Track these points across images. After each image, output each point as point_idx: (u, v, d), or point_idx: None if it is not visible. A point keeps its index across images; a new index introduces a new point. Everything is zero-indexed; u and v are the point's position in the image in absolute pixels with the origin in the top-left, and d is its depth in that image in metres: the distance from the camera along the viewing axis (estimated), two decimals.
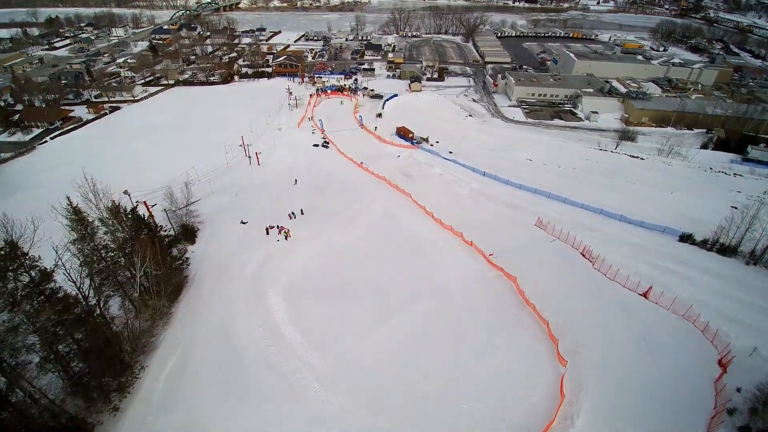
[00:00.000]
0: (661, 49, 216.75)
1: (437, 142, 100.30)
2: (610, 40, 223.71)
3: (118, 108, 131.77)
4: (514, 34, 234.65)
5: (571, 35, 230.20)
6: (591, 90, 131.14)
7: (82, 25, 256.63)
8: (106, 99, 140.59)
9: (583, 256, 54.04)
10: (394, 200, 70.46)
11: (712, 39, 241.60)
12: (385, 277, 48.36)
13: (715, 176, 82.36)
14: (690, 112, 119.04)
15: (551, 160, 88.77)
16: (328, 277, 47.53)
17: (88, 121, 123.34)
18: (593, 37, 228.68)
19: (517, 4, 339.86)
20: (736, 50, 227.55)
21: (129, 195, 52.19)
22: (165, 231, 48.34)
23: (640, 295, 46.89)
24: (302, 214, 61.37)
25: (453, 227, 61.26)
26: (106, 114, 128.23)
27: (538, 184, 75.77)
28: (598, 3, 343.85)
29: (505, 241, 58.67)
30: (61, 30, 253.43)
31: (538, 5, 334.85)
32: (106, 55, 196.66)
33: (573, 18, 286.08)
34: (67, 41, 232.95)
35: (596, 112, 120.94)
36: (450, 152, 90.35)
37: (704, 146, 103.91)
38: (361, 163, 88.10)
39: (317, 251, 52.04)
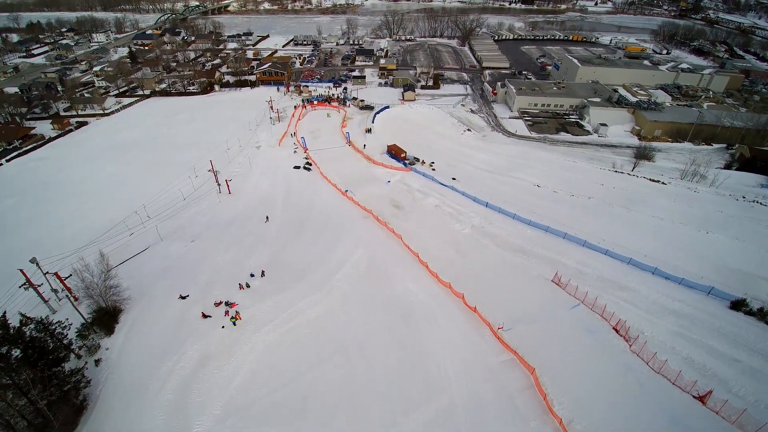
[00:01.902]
0: (664, 51, 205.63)
1: (432, 163, 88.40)
2: (611, 42, 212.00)
3: (85, 123, 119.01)
4: (511, 37, 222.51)
5: (570, 38, 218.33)
6: (598, 99, 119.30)
7: (63, 30, 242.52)
8: (75, 113, 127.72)
9: (617, 332, 42.22)
10: (381, 244, 58.40)
11: (715, 41, 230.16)
12: (364, 377, 36.32)
13: (750, 207, 70.58)
14: (707, 124, 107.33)
15: (562, 185, 76.96)
16: (284, 388, 35.30)
17: (51, 139, 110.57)
18: (594, 39, 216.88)
19: (513, 5, 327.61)
20: (741, 53, 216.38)
21: (37, 264, 40.08)
22: (65, 326, 35.53)
23: (696, 398, 35.15)
24: (263, 276, 48.94)
25: (452, 285, 49.35)
26: (71, 130, 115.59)
27: (550, 218, 64.03)
28: (596, 4, 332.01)
29: (515, 304, 46.95)
30: (41, 36, 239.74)
31: (535, 7, 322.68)
32: (83, 62, 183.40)
33: (571, 20, 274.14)
34: (47, 48, 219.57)
35: (605, 125, 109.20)
36: (453, 179, 78.29)
37: (728, 166, 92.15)
38: (346, 191, 76.11)
39: (273, 341, 39.52)
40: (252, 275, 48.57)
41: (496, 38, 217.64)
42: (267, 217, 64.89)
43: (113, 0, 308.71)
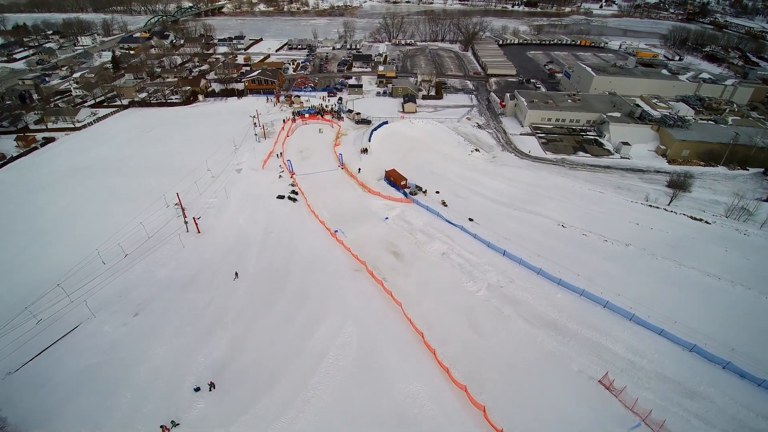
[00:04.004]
0: (677, 58, 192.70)
1: (438, 192, 75.75)
2: (620, 48, 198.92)
3: (52, 139, 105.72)
4: (516, 42, 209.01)
5: (578, 43, 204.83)
6: (618, 114, 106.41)
7: (49, 33, 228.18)
8: (44, 126, 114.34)
9: None
10: (376, 315, 45.75)
11: (727, 46, 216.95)
12: None
13: None
14: (740, 144, 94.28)
15: (590, 223, 64.31)
16: None
17: (11, 159, 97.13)
18: (602, 45, 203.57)
19: (516, 8, 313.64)
20: (755, 59, 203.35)
21: None
22: None
23: None
24: (212, 389, 36.00)
25: (468, 388, 36.61)
26: (36, 148, 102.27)
27: (583, 275, 51.56)
28: (601, 7, 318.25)
29: (555, 419, 34.39)
30: (26, 39, 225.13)
31: (539, 9, 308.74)
32: (64, 68, 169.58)
33: (576, 23, 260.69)
34: (31, 52, 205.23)
35: (627, 144, 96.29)
36: (471, 219, 65.21)
37: None
38: (336, 231, 63.39)
39: None
40: (197, 389, 35.55)
41: (501, 43, 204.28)
42: (236, 273, 52.04)
43: (104, 1, 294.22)
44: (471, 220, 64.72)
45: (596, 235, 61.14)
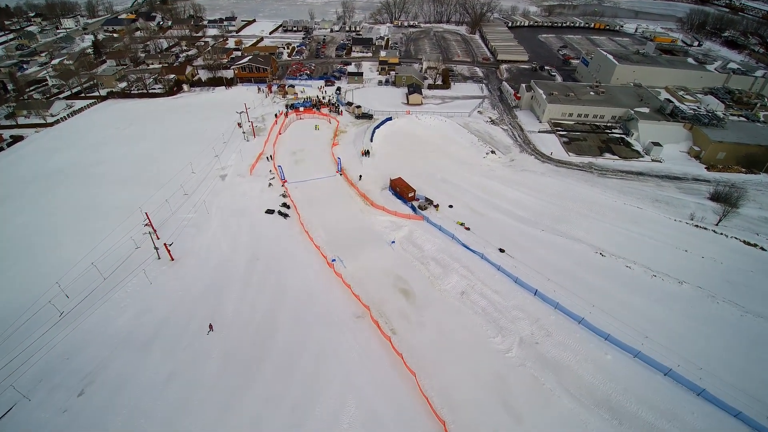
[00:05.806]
0: (696, 43, 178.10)
1: (450, 207, 64.95)
2: (636, 32, 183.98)
3: (20, 138, 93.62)
4: (526, 24, 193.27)
5: (592, 26, 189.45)
6: (646, 110, 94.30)
7: (31, 15, 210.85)
8: (14, 122, 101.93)
9: None
10: (384, 390, 35.76)
11: (747, 32, 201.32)
12: None
13: None
14: None
15: (632, 250, 54.02)
16: None
17: None
18: (617, 28, 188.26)
19: None
20: None
21: None
22: None
23: None
24: None
25: None
26: (2, 149, 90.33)
27: (633, 324, 41.66)
28: None
29: None
30: (7, 22, 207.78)
31: None
32: (44, 53, 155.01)
33: (588, 4, 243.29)
34: (11, 36, 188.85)
35: (659, 145, 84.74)
36: (501, 250, 53.93)
37: None
38: (333, 260, 52.98)
39: None
40: None
41: (510, 25, 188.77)
42: (210, 326, 41.77)
43: None
44: (502, 251, 53.65)
45: (642, 267, 50.77)
